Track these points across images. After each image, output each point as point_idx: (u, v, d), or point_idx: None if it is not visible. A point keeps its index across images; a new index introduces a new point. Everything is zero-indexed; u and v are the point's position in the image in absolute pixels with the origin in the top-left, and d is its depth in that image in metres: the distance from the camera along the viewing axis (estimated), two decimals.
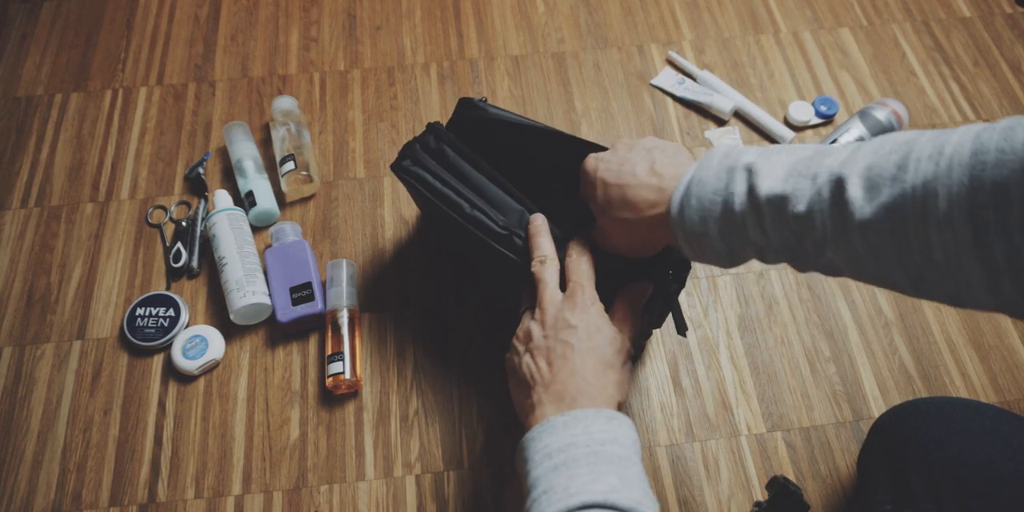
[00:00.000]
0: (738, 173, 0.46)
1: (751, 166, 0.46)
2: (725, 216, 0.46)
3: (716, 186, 0.47)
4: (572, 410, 0.50)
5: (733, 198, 0.46)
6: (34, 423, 0.77)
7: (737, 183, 0.46)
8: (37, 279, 0.85)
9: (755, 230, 0.46)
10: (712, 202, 0.47)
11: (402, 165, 0.69)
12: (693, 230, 0.48)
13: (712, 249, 0.49)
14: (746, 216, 0.45)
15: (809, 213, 0.42)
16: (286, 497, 0.73)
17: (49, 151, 0.94)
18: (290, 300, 0.79)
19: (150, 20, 1.05)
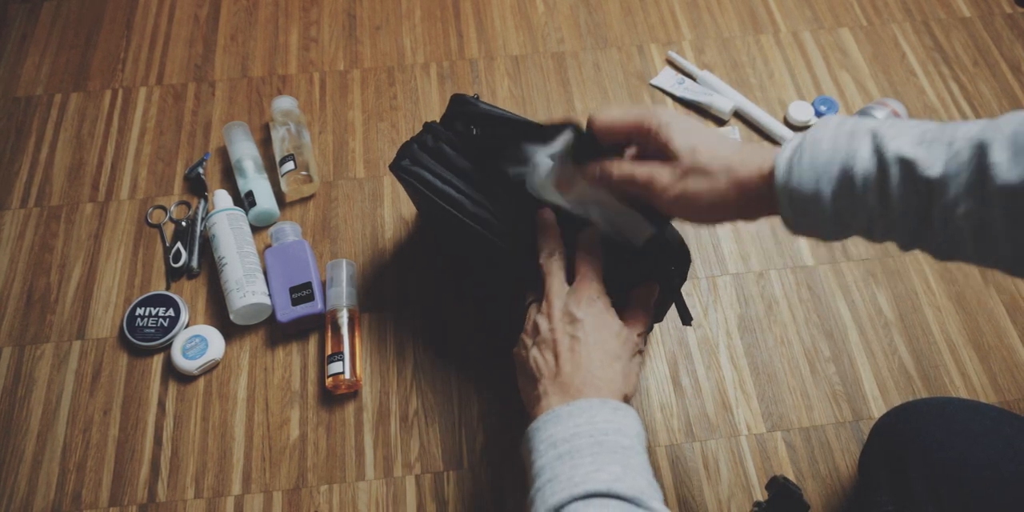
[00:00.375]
0: (861, 136, 0.42)
1: (875, 131, 0.42)
2: (843, 178, 0.42)
3: (835, 146, 0.43)
4: (577, 400, 0.50)
5: (855, 159, 0.42)
6: (34, 423, 0.77)
7: (861, 144, 0.42)
8: (37, 279, 0.85)
9: (876, 195, 0.42)
10: (829, 162, 0.43)
11: (401, 165, 0.69)
12: (801, 193, 0.44)
13: (819, 216, 0.44)
14: (869, 178, 0.41)
15: (944, 177, 0.39)
16: (286, 497, 0.73)
17: (49, 151, 0.94)
18: (290, 300, 0.79)
19: (150, 20, 1.05)
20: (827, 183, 0.43)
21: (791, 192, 0.44)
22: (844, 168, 0.42)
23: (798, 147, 0.45)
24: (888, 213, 0.42)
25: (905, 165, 0.40)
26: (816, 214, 0.44)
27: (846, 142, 0.43)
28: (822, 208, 0.44)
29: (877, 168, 0.41)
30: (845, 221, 0.44)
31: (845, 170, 0.42)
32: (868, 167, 0.42)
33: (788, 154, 0.45)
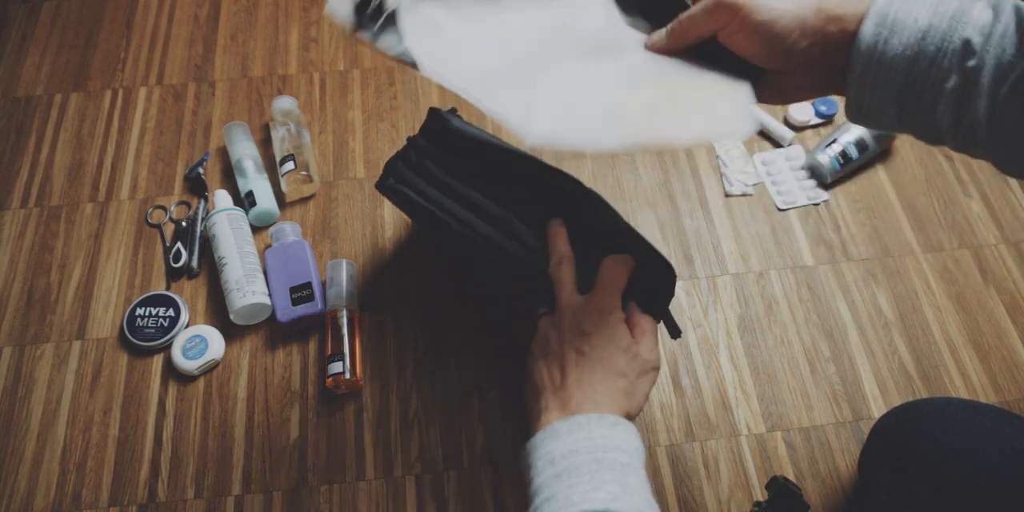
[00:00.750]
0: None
1: None
2: (953, 19, 0.38)
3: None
4: (575, 416, 0.50)
5: (971, 5, 0.38)
6: (34, 423, 0.77)
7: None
8: (37, 279, 0.85)
9: (982, 38, 0.37)
10: (939, 2, 0.39)
11: (386, 184, 0.69)
12: (896, 21, 0.39)
13: (898, 47, 0.39)
14: (983, 22, 0.38)
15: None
16: (286, 497, 0.73)
17: (49, 151, 0.94)
18: (290, 300, 0.79)
19: (150, 20, 1.05)
20: (926, 13, 0.39)
21: (884, 19, 0.39)
22: (956, 12, 0.39)
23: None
24: (981, 64, 0.38)
25: (1020, 12, 0.37)
26: (899, 43, 0.39)
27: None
28: (908, 39, 0.39)
29: (992, 16, 0.38)
30: (923, 63, 0.39)
31: (958, 13, 0.39)
32: (984, 14, 0.38)
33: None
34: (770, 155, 0.94)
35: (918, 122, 0.42)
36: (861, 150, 0.89)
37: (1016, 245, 0.88)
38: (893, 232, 0.89)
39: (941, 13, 0.39)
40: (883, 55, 0.40)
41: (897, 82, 0.40)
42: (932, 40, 0.39)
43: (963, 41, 0.38)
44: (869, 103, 0.42)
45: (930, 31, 0.39)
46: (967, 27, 0.38)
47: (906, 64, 0.39)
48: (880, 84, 0.41)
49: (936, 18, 0.39)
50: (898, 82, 0.40)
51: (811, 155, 0.91)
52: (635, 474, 0.48)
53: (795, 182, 0.92)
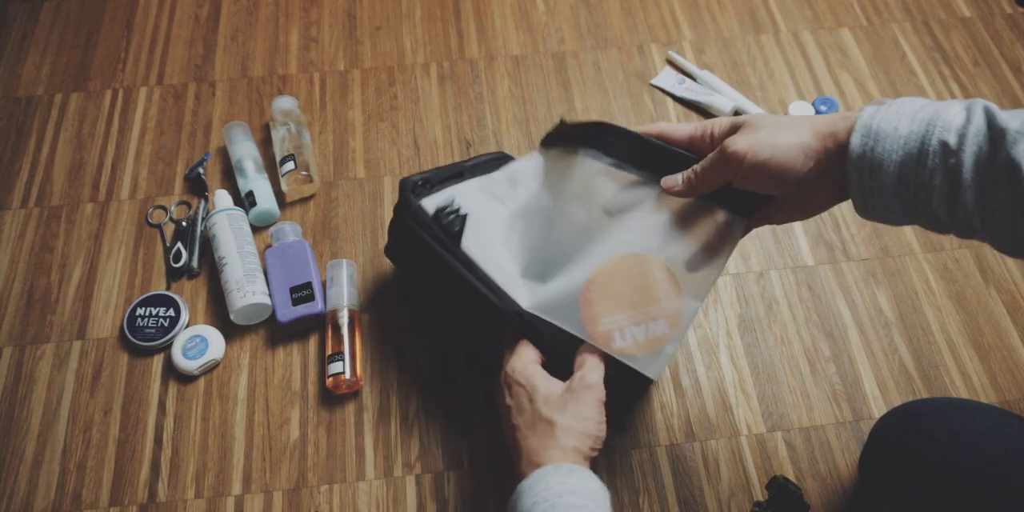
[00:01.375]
0: (952, 102, 0.44)
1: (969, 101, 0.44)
2: (928, 124, 0.43)
3: (924, 104, 0.44)
4: (533, 472, 0.54)
5: (945, 111, 0.43)
6: (34, 423, 0.77)
7: (951, 104, 0.43)
8: (37, 279, 0.85)
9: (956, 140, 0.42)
10: (917, 110, 0.43)
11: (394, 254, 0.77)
12: (879, 131, 0.44)
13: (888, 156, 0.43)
14: (953, 125, 0.42)
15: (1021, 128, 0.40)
16: (286, 497, 0.73)
17: (49, 151, 0.94)
18: (290, 300, 0.79)
19: (150, 20, 1.05)
20: (906, 123, 0.43)
21: (867, 131, 0.44)
22: (932, 119, 0.43)
23: (878, 106, 0.45)
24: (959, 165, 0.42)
25: (989, 114, 0.42)
26: (888, 153, 0.43)
27: (935, 104, 0.44)
28: (895, 150, 0.43)
29: (965, 118, 0.42)
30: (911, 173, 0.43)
31: (933, 120, 0.43)
32: (958, 116, 0.43)
33: (871, 108, 0.45)
34: None
35: (921, 216, 0.46)
36: None
37: None
38: (893, 232, 0.89)
39: (920, 120, 0.43)
40: (872, 161, 0.44)
41: (891, 183, 0.44)
42: (914, 144, 0.43)
43: (941, 143, 0.42)
44: (873, 203, 0.46)
45: (911, 137, 0.43)
46: (943, 130, 0.42)
47: (895, 168, 0.44)
48: (876, 187, 0.45)
49: (915, 125, 0.43)
50: (891, 183, 0.44)
51: None
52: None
53: None
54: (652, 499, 0.73)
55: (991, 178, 0.41)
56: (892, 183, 0.44)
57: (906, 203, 0.45)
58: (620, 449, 0.75)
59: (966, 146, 0.42)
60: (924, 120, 0.43)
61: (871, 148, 0.44)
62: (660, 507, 0.72)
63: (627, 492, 0.73)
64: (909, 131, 0.43)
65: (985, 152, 0.42)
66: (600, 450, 0.58)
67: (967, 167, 0.42)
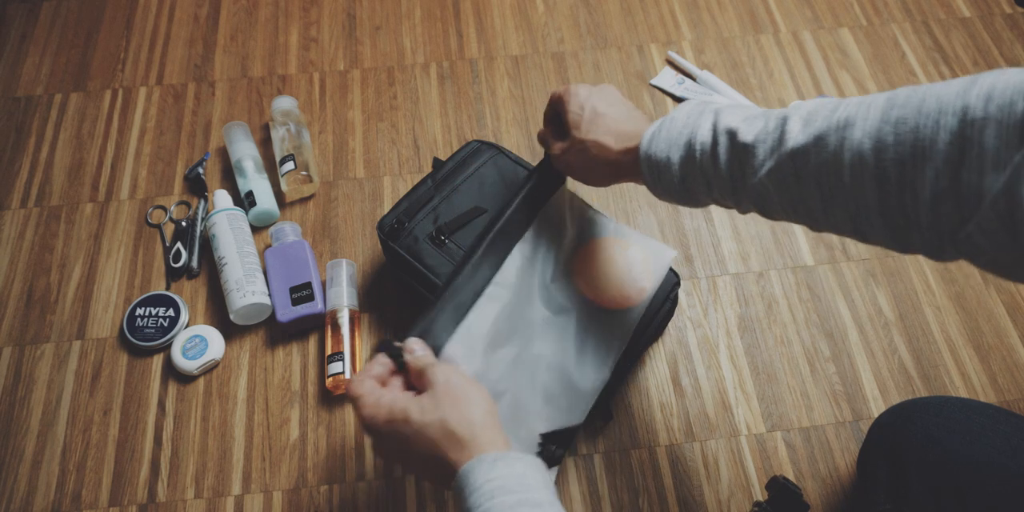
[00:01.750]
0: (706, 115, 0.53)
1: (718, 110, 0.53)
2: (688, 147, 0.52)
3: (685, 123, 0.53)
4: (457, 476, 0.47)
5: (697, 131, 0.52)
6: (34, 423, 0.77)
7: (704, 121, 0.52)
8: (37, 279, 0.85)
9: (710, 160, 0.51)
10: (679, 135, 0.53)
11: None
12: (657, 160, 0.53)
13: (669, 179, 0.54)
14: (706, 146, 0.51)
15: (755, 142, 0.49)
16: (286, 497, 0.73)
17: (49, 151, 0.94)
18: (290, 300, 0.79)
19: (150, 20, 1.05)
20: (675, 152, 0.53)
21: (649, 159, 0.54)
22: (689, 140, 0.52)
23: (660, 124, 0.54)
24: (718, 175, 0.51)
25: (730, 134, 0.50)
26: (668, 178, 0.54)
27: (695, 120, 0.53)
28: (672, 173, 0.53)
29: (710, 137, 0.51)
30: (688, 185, 0.53)
31: (690, 141, 0.52)
32: (706, 137, 0.51)
33: (653, 129, 0.55)
34: None
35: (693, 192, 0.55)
36: None
37: None
38: None
39: (680, 145, 0.53)
40: (655, 159, 0.54)
41: (676, 183, 0.55)
42: (680, 168, 0.53)
43: (700, 167, 0.52)
44: (658, 189, 0.56)
45: (680, 162, 0.53)
46: (702, 154, 0.52)
47: (680, 167, 0.54)
48: (665, 184, 0.55)
49: (680, 149, 0.53)
50: (676, 184, 0.55)
51: None
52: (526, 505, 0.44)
53: None
54: (652, 499, 0.73)
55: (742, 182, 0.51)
56: (676, 183, 0.54)
57: (685, 179, 0.54)
58: (620, 449, 0.75)
59: (720, 162, 0.51)
60: (683, 145, 0.53)
61: (656, 171, 0.55)
62: (660, 507, 0.72)
63: (627, 492, 0.73)
64: (678, 157, 0.53)
65: (720, 168, 0.52)
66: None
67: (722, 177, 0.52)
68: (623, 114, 0.59)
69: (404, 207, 0.77)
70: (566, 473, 0.74)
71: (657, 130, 0.54)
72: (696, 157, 0.52)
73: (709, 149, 0.51)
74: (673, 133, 0.53)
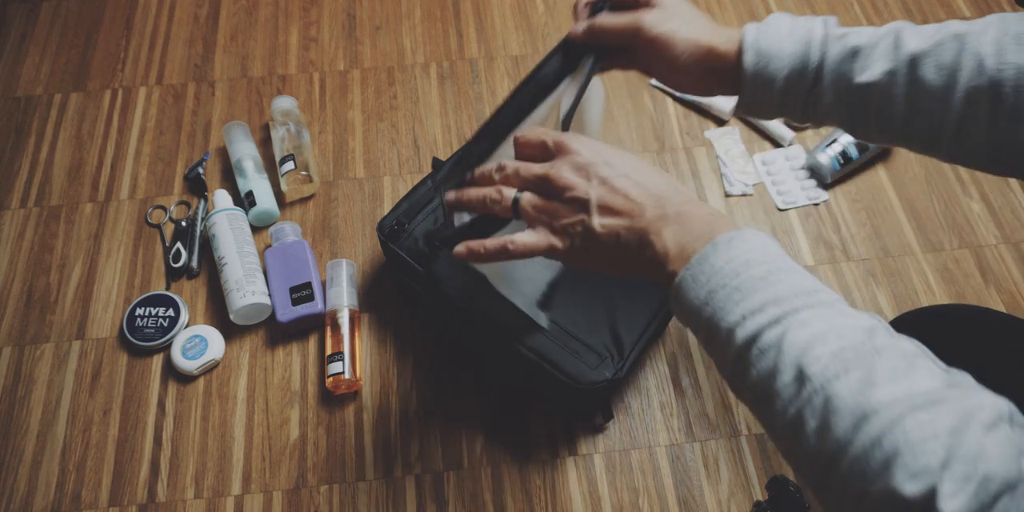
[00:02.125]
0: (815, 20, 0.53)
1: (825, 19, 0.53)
2: (803, 42, 0.51)
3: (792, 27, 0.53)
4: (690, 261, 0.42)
5: (812, 31, 0.52)
6: (33, 423, 0.77)
7: (815, 23, 0.53)
8: (36, 279, 0.85)
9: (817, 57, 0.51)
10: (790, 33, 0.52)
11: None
12: (766, 52, 0.52)
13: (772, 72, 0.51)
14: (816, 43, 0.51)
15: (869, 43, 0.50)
16: (286, 497, 0.73)
17: (48, 151, 0.94)
18: (290, 300, 0.79)
19: (149, 20, 1.05)
20: (788, 45, 0.51)
21: (758, 51, 0.52)
22: (805, 36, 0.51)
23: (757, 25, 0.54)
24: (824, 74, 0.50)
25: (842, 35, 0.51)
26: (773, 70, 0.51)
27: (802, 22, 0.53)
28: (780, 65, 0.51)
29: (823, 35, 0.51)
30: (790, 85, 0.51)
31: (807, 37, 0.51)
32: (818, 34, 0.51)
33: (753, 26, 0.54)
34: (770, 155, 0.94)
35: (793, 115, 0.54)
36: (861, 150, 0.89)
37: (1016, 245, 0.88)
38: (893, 232, 0.89)
39: (797, 39, 0.52)
40: (764, 78, 0.52)
41: (777, 94, 0.53)
42: (797, 61, 0.52)
43: (817, 60, 0.51)
44: (757, 109, 0.54)
45: (793, 55, 0.52)
46: (819, 46, 0.51)
47: (782, 82, 0.52)
48: (766, 96, 0.53)
49: (795, 44, 0.52)
50: (778, 95, 0.53)
51: (811, 155, 0.91)
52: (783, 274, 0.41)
53: (795, 182, 0.92)
54: (652, 499, 0.73)
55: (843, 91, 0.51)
56: (778, 94, 0.52)
57: (783, 107, 0.53)
58: (620, 449, 0.75)
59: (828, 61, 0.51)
60: (802, 39, 0.51)
61: (764, 66, 0.52)
62: (660, 507, 0.72)
63: (627, 492, 0.73)
64: (791, 50, 0.51)
65: (844, 70, 0.51)
66: None
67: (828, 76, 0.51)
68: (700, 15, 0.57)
69: (404, 208, 0.77)
70: (566, 473, 0.74)
71: (761, 26, 0.53)
72: (808, 54, 0.50)
73: (820, 47, 0.50)
74: (783, 31, 0.52)
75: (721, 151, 0.94)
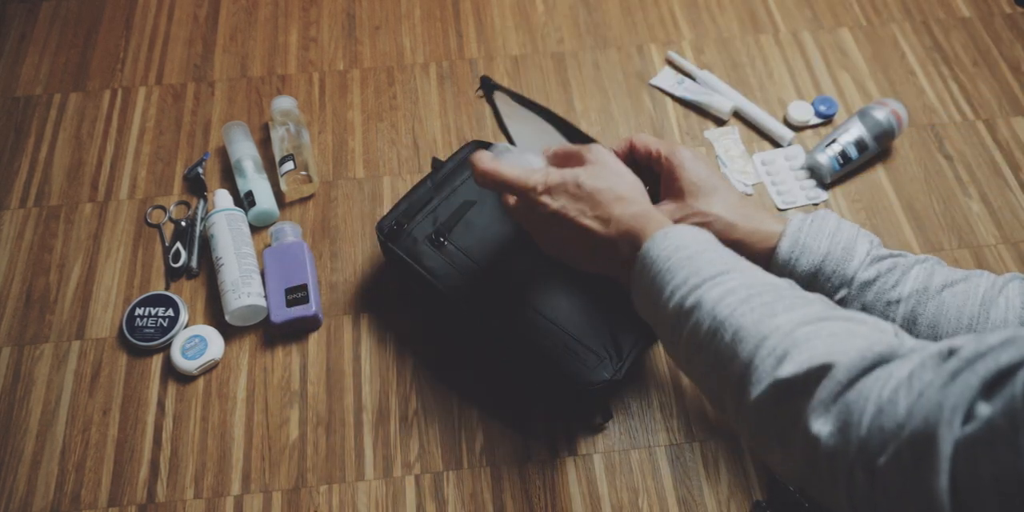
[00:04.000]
0: (861, 235, 0.55)
1: (871, 238, 0.56)
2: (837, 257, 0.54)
3: (835, 232, 0.55)
4: (641, 252, 0.50)
5: (855, 243, 0.54)
6: (33, 423, 0.77)
7: (860, 239, 0.55)
8: (36, 279, 0.85)
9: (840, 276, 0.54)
10: (832, 240, 0.54)
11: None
12: (800, 256, 0.54)
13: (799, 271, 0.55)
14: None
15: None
16: (285, 497, 0.73)
17: (48, 151, 0.94)
18: (285, 301, 0.78)
19: (149, 20, 1.05)
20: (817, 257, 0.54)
21: (793, 251, 0.54)
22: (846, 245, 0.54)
23: (799, 223, 0.55)
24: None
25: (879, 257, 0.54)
26: (814, 257, 0.54)
27: (847, 233, 0.54)
28: (806, 267, 0.54)
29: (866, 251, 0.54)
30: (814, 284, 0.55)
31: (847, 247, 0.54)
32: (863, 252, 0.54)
33: (795, 225, 0.55)
34: (770, 155, 0.94)
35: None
36: (860, 150, 0.89)
37: (1016, 245, 0.88)
38: (893, 232, 0.89)
39: (835, 243, 0.54)
40: (795, 268, 0.54)
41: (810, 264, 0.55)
42: (829, 264, 0.53)
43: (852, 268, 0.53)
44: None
45: (828, 256, 0.53)
46: (853, 258, 0.53)
47: (809, 278, 0.54)
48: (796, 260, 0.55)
49: (832, 246, 0.54)
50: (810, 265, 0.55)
51: (810, 155, 0.91)
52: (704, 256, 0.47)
53: (794, 182, 0.92)
54: (652, 499, 0.73)
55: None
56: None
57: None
58: (620, 449, 0.75)
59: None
60: (840, 245, 0.54)
61: (796, 258, 0.55)
62: (660, 507, 0.72)
63: (627, 492, 0.73)
64: (828, 251, 0.54)
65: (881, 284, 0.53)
66: None
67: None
68: (744, 201, 0.59)
69: (403, 208, 0.78)
70: (566, 473, 0.74)
71: (801, 226, 0.55)
72: (848, 260, 0.53)
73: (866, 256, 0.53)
74: (823, 237, 0.54)
75: (720, 151, 0.94)
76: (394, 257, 0.77)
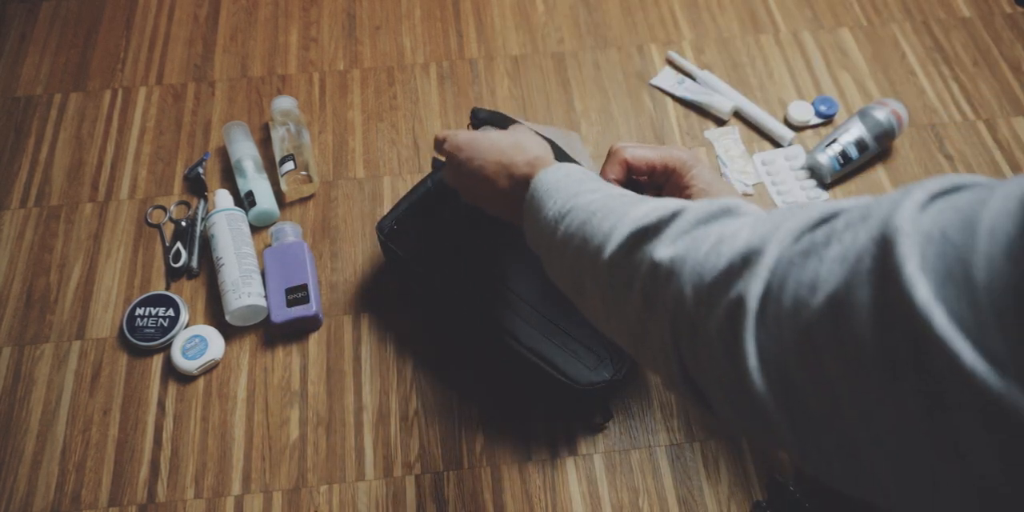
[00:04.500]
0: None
1: None
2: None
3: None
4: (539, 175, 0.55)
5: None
6: (33, 423, 0.77)
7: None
8: (36, 279, 0.85)
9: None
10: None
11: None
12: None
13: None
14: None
15: None
16: (286, 497, 0.73)
17: (48, 151, 0.94)
18: (285, 301, 0.79)
19: (149, 20, 1.05)
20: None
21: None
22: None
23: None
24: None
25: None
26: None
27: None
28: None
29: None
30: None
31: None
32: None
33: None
34: (770, 155, 0.94)
35: None
36: (861, 150, 0.89)
37: None
38: None
39: None
40: None
41: None
42: None
43: None
44: None
45: None
46: None
47: None
48: None
49: None
50: None
51: (811, 155, 0.91)
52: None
53: (795, 182, 0.92)
54: (652, 499, 0.73)
55: None
56: None
57: None
58: (620, 449, 0.75)
59: None
60: None
61: None
62: (660, 507, 0.72)
63: (627, 492, 0.73)
64: None
65: None
66: None
67: None
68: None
69: (404, 208, 0.78)
70: (566, 473, 0.74)
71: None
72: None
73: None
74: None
75: (721, 151, 0.94)
76: (394, 257, 0.77)
